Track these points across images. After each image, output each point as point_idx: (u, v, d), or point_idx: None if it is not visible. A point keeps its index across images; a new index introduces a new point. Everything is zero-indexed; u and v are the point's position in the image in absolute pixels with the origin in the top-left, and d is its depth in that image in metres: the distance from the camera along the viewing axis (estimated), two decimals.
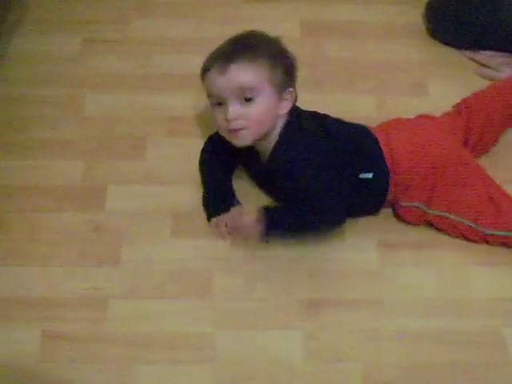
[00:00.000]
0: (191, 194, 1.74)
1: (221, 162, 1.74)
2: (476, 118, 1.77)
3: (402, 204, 1.67)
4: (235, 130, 1.57)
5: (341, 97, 1.85)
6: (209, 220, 1.69)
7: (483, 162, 1.75)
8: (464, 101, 1.83)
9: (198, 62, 1.73)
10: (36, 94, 1.95)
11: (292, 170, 1.58)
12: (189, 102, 1.88)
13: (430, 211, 1.65)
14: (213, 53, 1.62)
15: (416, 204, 1.66)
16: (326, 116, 1.69)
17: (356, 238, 1.68)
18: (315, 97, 1.77)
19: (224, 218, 1.67)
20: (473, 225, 1.64)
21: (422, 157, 1.63)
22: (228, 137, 1.61)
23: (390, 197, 1.67)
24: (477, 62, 2.05)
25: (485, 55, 2.04)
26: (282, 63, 1.59)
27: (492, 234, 1.63)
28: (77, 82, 1.98)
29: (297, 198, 1.59)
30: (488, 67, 2.02)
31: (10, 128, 1.88)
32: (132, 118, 1.90)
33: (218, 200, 1.71)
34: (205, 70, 1.60)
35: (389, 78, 2.01)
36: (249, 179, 1.77)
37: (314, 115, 1.68)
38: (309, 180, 1.57)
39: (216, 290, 1.60)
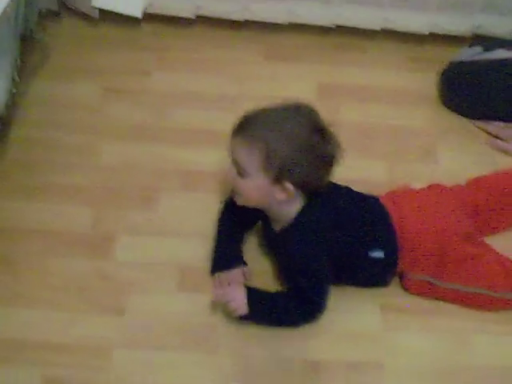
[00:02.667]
0: (200, 248, 1.75)
1: (237, 221, 1.74)
2: (486, 197, 1.78)
3: (410, 277, 1.68)
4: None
5: (352, 162, 1.84)
6: (212, 273, 1.71)
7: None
8: (480, 178, 1.84)
9: (215, 117, 1.77)
10: (52, 139, 1.97)
11: (297, 250, 1.59)
12: (204, 156, 1.90)
13: (439, 284, 1.66)
14: (254, 110, 1.59)
15: (424, 277, 1.66)
16: (339, 190, 1.69)
17: (359, 300, 1.69)
18: None
19: (225, 275, 1.69)
20: (492, 293, 1.64)
21: (429, 232, 1.65)
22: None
23: (397, 270, 1.68)
24: (488, 133, 2.06)
25: (496, 126, 2.05)
26: (283, 158, 1.51)
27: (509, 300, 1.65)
28: (94, 129, 2.00)
29: (292, 273, 1.61)
30: (499, 138, 2.04)
31: (24, 170, 1.90)
32: (146, 169, 1.91)
33: (225, 256, 1.72)
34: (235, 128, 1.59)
35: (401, 144, 2.02)
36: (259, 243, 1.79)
37: (328, 193, 1.63)
38: (309, 262, 1.59)
39: (221, 344, 1.60)
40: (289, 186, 1.54)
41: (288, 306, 1.61)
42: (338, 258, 1.61)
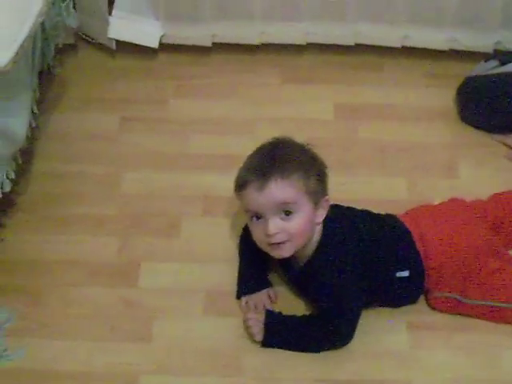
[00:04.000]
0: (224, 272, 1.75)
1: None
2: (507, 211, 1.77)
3: (436, 295, 1.67)
4: (277, 243, 1.57)
5: (372, 179, 1.86)
6: (238, 298, 1.71)
7: None
8: (501, 192, 1.84)
9: (233, 142, 1.77)
10: (73, 171, 1.99)
11: (326, 278, 1.59)
12: (224, 182, 1.87)
13: (467, 301, 1.65)
14: (247, 168, 1.62)
15: (450, 294, 1.65)
16: (357, 213, 1.70)
17: (386, 318, 1.68)
18: (347, 179, 1.78)
19: (251, 298, 1.69)
20: None
21: (452, 250, 1.64)
22: (268, 249, 1.60)
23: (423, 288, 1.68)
24: (507, 146, 2.05)
25: None
26: (315, 172, 1.60)
27: None
28: (114, 159, 2.02)
29: (321, 303, 1.62)
30: None
31: (46, 203, 1.91)
32: (167, 196, 1.92)
33: (250, 279, 1.72)
34: (240, 187, 1.60)
35: (420, 161, 2.02)
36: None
37: (347, 218, 1.66)
38: (340, 289, 1.59)
39: (248, 368, 1.60)
40: (327, 197, 1.61)
41: (313, 334, 1.62)
42: (364, 281, 1.61)
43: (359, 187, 1.87)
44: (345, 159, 2.00)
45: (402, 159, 2.02)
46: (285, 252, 1.58)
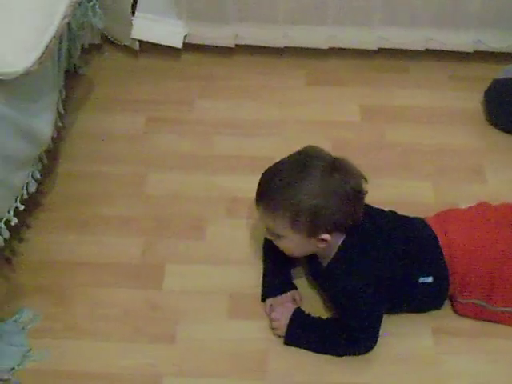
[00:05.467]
0: (249, 274, 1.75)
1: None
2: None
3: (461, 301, 1.65)
4: None
5: (399, 183, 1.84)
6: (263, 300, 1.70)
7: None
8: None
9: (258, 144, 1.76)
10: (98, 171, 1.99)
11: (344, 283, 1.58)
12: (248, 183, 1.85)
13: (492, 308, 1.63)
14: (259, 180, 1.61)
15: (475, 301, 1.64)
16: (384, 214, 1.69)
17: (411, 323, 1.67)
18: (374, 182, 1.77)
19: (276, 300, 1.68)
20: None
21: (479, 255, 1.62)
22: None
23: (448, 294, 1.66)
24: None
25: None
26: (308, 215, 1.51)
27: None
28: (139, 160, 2.02)
29: (340, 308, 1.62)
30: None
31: (71, 204, 1.92)
32: (192, 197, 1.92)
33: (275, 282, 1.72)
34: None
35: (447, 164, 2.01)
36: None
37: (372, 218, 1.64)
38: (358, 295, 1.58)
39: (270, 371, 1.60)
40: (325, 236, 1.54)
41: (334, 337, 1.61)
42: (387, 286, 1.60)
43: (385, 190, 1.85)
44: (371, 162, 2.00)
45: (428, 162, 2.01)
46: (286, 253, 1.65)
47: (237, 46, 2.30)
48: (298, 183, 1.52)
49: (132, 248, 1.82)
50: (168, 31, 2.28)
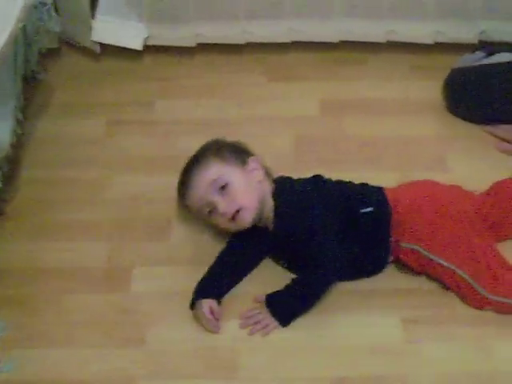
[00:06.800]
0: None
1: (235, 261, 1.76)
2: (499, 202, 1.77)
3: (402, 245, 1.69)
4: (234, 215, 1.67)
5: (361, 175, 1.84)
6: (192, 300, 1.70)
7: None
8: (497, 183, 1.83)
9: None
10: (62, 176, 1.98)
11: (296, 221, 1.67)
12: None
13: (429, 255, 1.67)
14: (177, 188, 1.79)
15: (416, 247, 1.68)
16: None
17: (379, 314, 1.68)
18: (336, 175, 1.78)
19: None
20: (474, 284, 1.64)
21: (420, 203, 1.71)
22: (234, 226, 1.70)
23: (392, 238, 1.70)
24: (496, 137, 2.05)
25: (504, 129, 2.04)
26: (225, 149, 1.74)
27: (488, 298, 1.64)
28: (102, 163, 2.01)
29: (301, 251, 1.66)
30: (508, 141, 2.03)
31: (36, 210, 1.90)
32: (157, 199, 1.91)
33: (205, 285, 1.71)
34: (180, 198, 1.79)
35: (409, 155, 2.02)
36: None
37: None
38: (312, 226, 1.66)
39: (241, 369, 1.59)
40: (253, 157, 1.76)
41: (308, 285, 1.66)
42: (331, 219, 1.68)
43: None
44: (333, 155, 2.01)
45: (390, 153, 2.03)
46: (245, 221, 1.68)
47: (198, 45, 2.29)
48: (210, 144, 1.79)
49: (98, 252, 1.81)
50: (129, 33, 2.27)
